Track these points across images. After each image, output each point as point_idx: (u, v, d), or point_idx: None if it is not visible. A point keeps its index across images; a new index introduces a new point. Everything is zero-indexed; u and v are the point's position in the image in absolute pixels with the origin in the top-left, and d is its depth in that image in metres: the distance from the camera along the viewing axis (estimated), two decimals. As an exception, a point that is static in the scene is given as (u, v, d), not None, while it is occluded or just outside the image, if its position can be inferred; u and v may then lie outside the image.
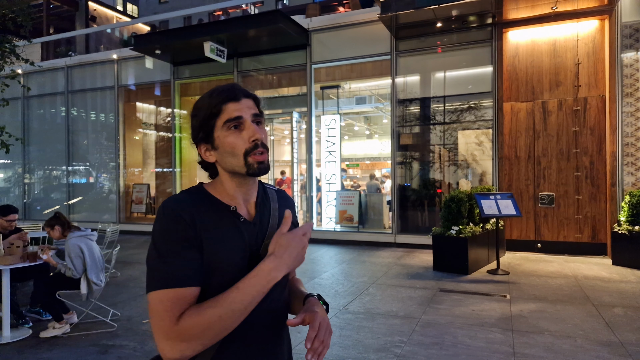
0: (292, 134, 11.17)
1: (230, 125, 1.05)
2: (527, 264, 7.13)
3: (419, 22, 8.30)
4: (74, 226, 4.39)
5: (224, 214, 1.06)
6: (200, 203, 1.05)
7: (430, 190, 9.11)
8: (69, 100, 12.82)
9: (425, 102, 9.16)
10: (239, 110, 1.06)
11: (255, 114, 1.08)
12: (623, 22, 7.36)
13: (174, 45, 9.99)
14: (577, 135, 7.87)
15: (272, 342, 1.11)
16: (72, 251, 4.12)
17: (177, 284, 0.94)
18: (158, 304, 0.94)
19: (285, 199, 1.25)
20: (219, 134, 1.06)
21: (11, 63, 7.78)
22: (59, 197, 13.14)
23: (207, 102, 1.07)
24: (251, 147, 1.05)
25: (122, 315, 4.66)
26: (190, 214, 1.01)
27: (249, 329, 1.03)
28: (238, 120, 1.05)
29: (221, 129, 1.06)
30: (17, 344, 3.96)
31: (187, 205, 1.03)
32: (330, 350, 3.71)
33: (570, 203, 7.89)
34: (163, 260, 0.96)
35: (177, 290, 0.94)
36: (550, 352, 3.64)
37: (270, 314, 1.09)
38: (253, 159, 1.05)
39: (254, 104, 1.10)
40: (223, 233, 1.03)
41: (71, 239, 4.19)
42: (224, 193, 1.10)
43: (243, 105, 1.07)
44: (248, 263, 1.04)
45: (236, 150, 1.05)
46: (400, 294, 5.46)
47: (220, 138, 1.06)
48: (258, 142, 1.05)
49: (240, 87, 1.10)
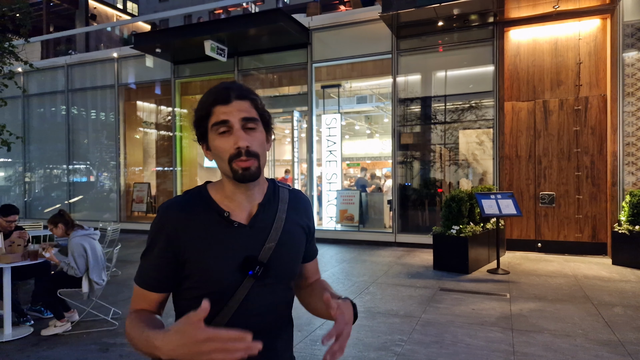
0: (292, 133, 11.17)
1: (217, 129, 1.02)
2: (527, 263, 7.14)
3: (420, 21, 8.29)
4: (77, 225, 4.38)
5: (216, 220, 1.05)
6: (192, 209, 1.06)
7: (430, 190, 9.11)
8: (69, 99, 12.82)
9: (426, 102, 9.15)
10: (226, 114, 1.01)
11: (246, 118, 1.03)
12: (625, 22, 7.35)
13: (175, 43, 9.98)
14: (578, 134, 7.87)
15: (274, 336, 1.10)
16: (75, 250, 4.12)
17: (142, 285, 1.08)
18: (133, 294, 1.11)
19: (297, 200, 1.20)
20: (210, 136, 1.05)
21: (10, 64, 7.75)
22: (60, 196, 13.15)
23: (202, 101, 1.06)
24: (234, 153, 1.01)
25: (123, 314, 4.66)
26: (176, 225, 1.04)
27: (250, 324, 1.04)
28: (225, 125, 1.01)
29: (211, 132, 1.04)
30: (18, 342, 3.96)
31: (176, 213, 1.05)
32: (330, 349, 3.71)
33: (571, 203, 7.89)
34: (142, 260, 1.09)
35: (142, 289, 1.08)
36: (549, 351, 3.64)
37: (272, 309, 1.09)
38: (237, 165, 1.01)
39: (250, 106, 1.05)
40: (210, 241, 1.03)
41: (74, 237, 4.19)
42: (224, 194, 1.09)
43: (233, 109, 1.02)
44: (242, 267, 1.03)
45: (222, 155, 1.03)
46: (400, 293, 5.46)
47: (211, 140, 1.05)
48: (242, 149, 1.01)
49: (237, 87, 1.06)
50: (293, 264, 1.15)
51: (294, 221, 1.15)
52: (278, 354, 1.12)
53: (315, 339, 3.94)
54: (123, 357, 3.61)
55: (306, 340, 3.93)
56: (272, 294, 1.08)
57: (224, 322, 1.02)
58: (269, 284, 1.07)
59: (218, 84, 1.07)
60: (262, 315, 1.06)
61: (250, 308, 1.04)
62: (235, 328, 1.02)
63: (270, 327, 1.09)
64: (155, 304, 1.08)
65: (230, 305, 1.02)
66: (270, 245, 1.07)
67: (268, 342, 1.08)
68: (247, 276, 1.03)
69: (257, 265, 1.04)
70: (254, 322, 1.04)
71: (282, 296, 1.12)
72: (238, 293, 1.02)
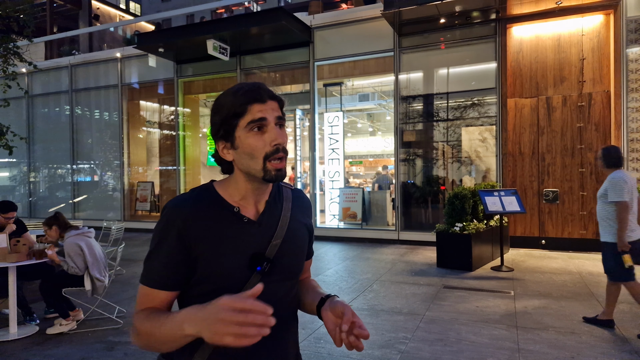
0: (295, 132, 11.17)
1: (253, 126, 1.02)
2: (531, 260, 7.12)
3: (422, 18, 8.26)
4: (72, 226, 4.44)
5: (225, 216, 1.06)
6: (201, 205, 1.06)
7: (433, 187, 9.09)
8: (73, 99, 12.87)
9: (429, 99, 9.13)
10: (263, 112, 1.03)
11: (279, 117, 1.06)
12: (628, 17, 7.31)
13: (177, 43, 10.00)
14: (581, 131, 7.83)
15: (281, 332, 1.10)
16: (70, 250, 4.16)
17: (150, 284, 1.04)
18: (138, 295, 1.07)
19: (300, 199, 1.23)
20: (240, 134, 1.04)
21: (13, 64, 7.78)
22: (64, 196, 13.21)
23: (230, 100, 1.04)
24: (272, 150, 1.03)
25: (127, 312, 4.69)
26: (184, 221, 1.02)
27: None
28: (262, 122, 1.02)
29: (243, 130, 1.03)
30: (23, 340, 4.00)
31: (186, 209, 1.04)
32: (334, 347, 3.72)
33: (575, 199, 7.86)
34: (148, 259, 1.06)
35: (149, 289, 1.04)
36: (554, 348, 3.63)
37: (279, 305, 1.09)
38: (272, 165, 1.03)
39: (278, 107, 1.07)
40: (220, 236, 1.03)
41: (68, 238, 4.24)
42: (235, 192, 1.09)
43: (268, 107, 1.04)
44: (250, 263, 1.04)
45: (256, 153, 1.03)
46: (404, 290, 5.46)
47: (241, 138, 1.04)
48: (280, 146, 1.03)
49: (266, 87, 1.07)
50: (298, 260, 1.16)
51: (298, 219, 1.17)
52: (286, 349, 1.13)
53: (319, 337, 3.95)
54: (128, 355, 3.63)
55: (310, 338, 3.94)
56: (278, 290, 1.09)
57: None
58: (275, 281, 1.08)
59: (242, 84, 1.07)
60: (272, 303, 1.06)
61: None
62: None
63: (277, 322, 1.09)
64: (166, 303, 1.06)
65: None
66: (276, 242, 1.08)
67: (275, 337, 1.09)
68: (255, 272, 1.04)
69: (265, 261, 1.05)
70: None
71: (287, 293, 1.13)
72: (245, 289, 1.03)
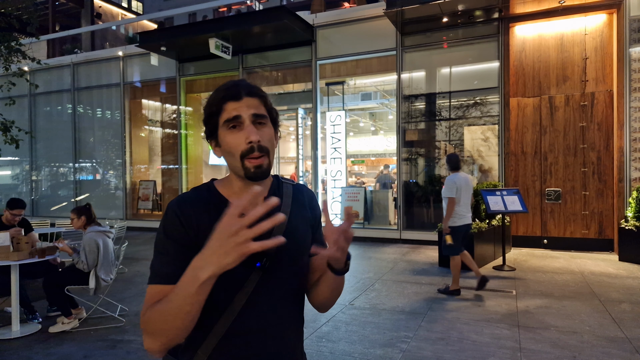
0: (297, 131, 11.17)
1: (229, 124, 1.03)
2: (533, 260, 7.11)
3: (424, 17, 8.25)
4: (97, 222, 4.47)
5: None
6: (203, 202, 1.06)
7: (435, 187, 9.08)
8: (75, 98, 12.89)
9: (431, 98, 9.12)
10: (237, 110, 1.03)
11: (257, 115, 1.04)
12: (631, 16, 7.28)
13: (179, 42, 10.01)
14: (584, 130, 7.82)
15: (284, 329, 1.11)
16: (87, 245, 4.17)
17: (161, 280, 0.98)
18: (146, 297, 0.99)
19: (301, 192, 1.22)
20: (220, 132, 1.06)
21: (17, 61, 7.83)
22: (66, 194, 13.24)
23: (211, 98, 1.07)
24: (247, 149, 1.02)
25: (130, 311, 4.70)
26: (189, 216, 1.02)
27: (259, 316, 1.05)
28: (237, 120, 1.03)
29: (222, 128, 1.05)
30: (26, 338, 4.01)
31: (189, 205, 1.04)
32: (336, 346, 3.73)
33: (577, 199, 7.84)
34: (156, 257, 1.02)
35: (161, 286, 0.98)
36: (556, 347, 3.63)
37: (281, 302, 1.10)
38: (249, 162, 1.02)
39: (260, 103, 1.06)
40: None
41: (90, 232, 4.25)
42: (232, 190, 1.10)
43: (243, 105, 1.03)
44: (250, 260, 1.02)
45: (233, 151, 1.03)
46: (406, 289, 5.46)
47: (221, 137, 1.05)
48: (254, 144, 1.01)
49: (246, 84, 1.07)
50: (299, 256, 1.15)
51: (298, 215, 1.17)
52: (289, 347, 1.13)
53: (321, 336, 3.95)
54: (130, 353, 3.64)
55: (312, 336, 3.94)
56: (280, 287, 1.09)
57: (233, 315, 1.03)
58: (276, 277, 1.08)
59: (227, 82, 1.08)
60: (271, 308, 1.07)
61: (259, 301, 1.05)
62: (245, 321, 1.03)
63: (280, 320, 1.10)
64: None
65: (239, 297, 1.03)
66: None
67: (278, 334, 1.09)
68: (254, 269, 1.04)
69: (264, 257, 1.05)
70: (263, 314, 1.06)
71: (289, 289, 1.13)
72: (247, 286, 1.04)
